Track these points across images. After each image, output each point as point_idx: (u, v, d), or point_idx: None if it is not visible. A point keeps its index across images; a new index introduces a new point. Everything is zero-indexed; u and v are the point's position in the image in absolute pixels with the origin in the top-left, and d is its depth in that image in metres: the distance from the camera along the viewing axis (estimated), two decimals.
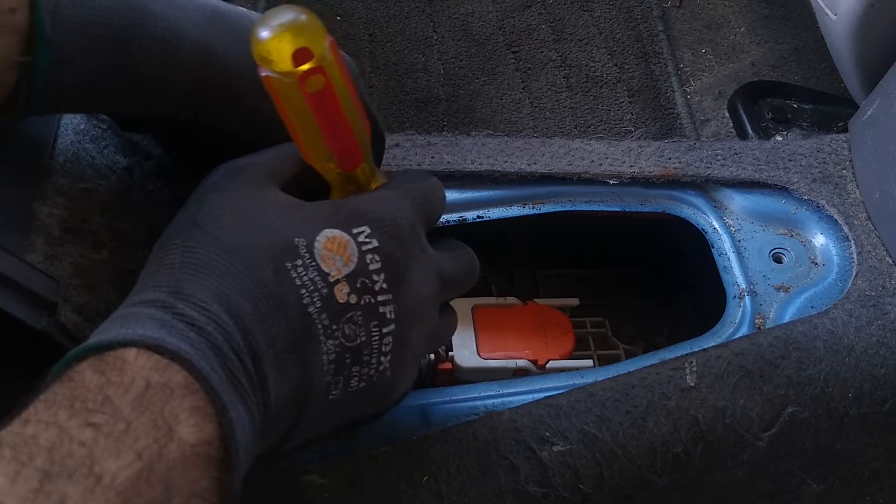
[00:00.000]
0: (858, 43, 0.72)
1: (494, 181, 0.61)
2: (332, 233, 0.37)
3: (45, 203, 0.42)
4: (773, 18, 1.13)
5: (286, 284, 0.35)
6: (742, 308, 0.58)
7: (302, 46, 0.35)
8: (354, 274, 0.37)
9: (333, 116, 0.38)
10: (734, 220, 0.63)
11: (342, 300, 0.36)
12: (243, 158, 0.40)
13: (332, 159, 0.39)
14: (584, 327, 0.68)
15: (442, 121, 1.03)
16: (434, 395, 0.53)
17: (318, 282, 0.36)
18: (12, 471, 0.26)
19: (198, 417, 0.29)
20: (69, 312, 0.39)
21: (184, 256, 0.35)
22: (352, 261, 0.37)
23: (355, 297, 0.37)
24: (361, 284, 0.37)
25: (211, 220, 0.36)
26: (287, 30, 0.35)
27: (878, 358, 0.55)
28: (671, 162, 0.63)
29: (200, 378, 0.30)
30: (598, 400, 0.51)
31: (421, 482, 0.47)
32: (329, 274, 0.36)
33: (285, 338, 0.35)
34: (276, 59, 0.35)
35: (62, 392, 0.28)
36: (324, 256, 0.36)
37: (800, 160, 0.65)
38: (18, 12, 0.36)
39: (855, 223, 0.61)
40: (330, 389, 0.37)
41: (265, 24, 0.35)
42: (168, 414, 0.29)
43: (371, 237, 0.38)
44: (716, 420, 0.52)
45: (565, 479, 0.49)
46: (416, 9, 1.14)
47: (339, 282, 0.36)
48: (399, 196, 0.41)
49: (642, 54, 1.11)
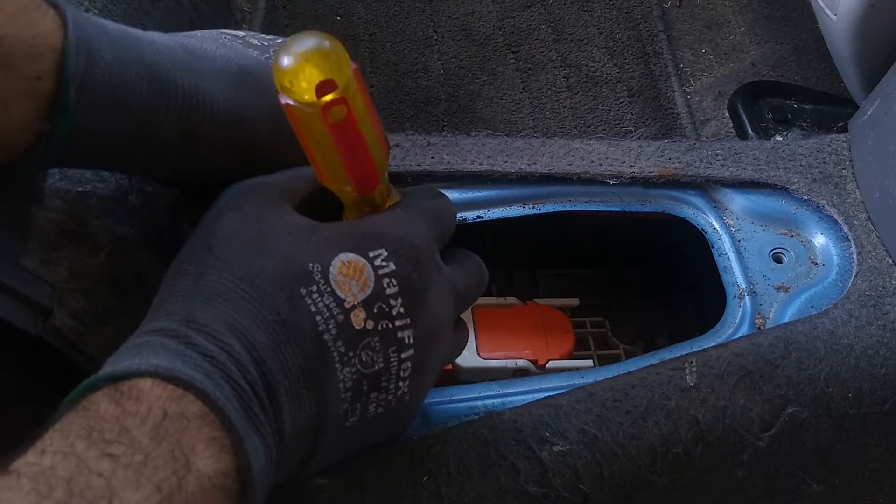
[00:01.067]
0: (858, 43, 0.72)
1: (494, 181, 0.61)
2: (348, 257, 0.36)
3: (42, 207, 0.42)
4: (773, 18, 1.13)
5: (300, 312, 0.34)
6: (742, 308, 0.58)
7: (326, 78, 0.34)
8: (371, 299, 0.36)
9: (354, 145, 0.37)
10: (734, 220, 0.63)
11: (359, 326, 0.36)
12: (257, 178, 0.40)
13: (349, 184, 0.38)
14: (584, 327, 0.68)
15: (442, 121, 1.03)
16: (434, 395, 0.53)
17: (333, 308, 0.35)
18: (32, 502, 0.25)
19: (214, 449, 0.29)
20: (64, 317, 0.39)
21: (196, 284, 0.35)
22: (368, 286, 0.36)
23: (372, 322, 0.36)
24: (378, 310, 0.36)
25: (223, 245, 0.36)
26: (310, 59, 0.34)
27: (878, 358, 0.55)
28: (671, 162, 0.63)
29: (216, 408, 0.30)
30: (598, 400, 0.51)
31: (421, 482, 0.47)
32: (345, 300, 0.35)
33: (300, 367, 0.34)
34: (298, 89, 0.34)
35: (78, 422, 0.28)
36: (339, 282, 0.35)
37: (800, 160, 0.65)
38: (45, 80, 0.35)
39: (855, 223, 0.61)
40: (347, 417, 0.37)
41: (288, 52, 0.34)
42: (185, 445, 0.28)
43: (388, 260, 0.37)
44: (716, 420, 0.52)
45: (565, 479, 0.49)
46: (416, 9, 1.14)
47: (356, 308, 0.36)
48: (414, 216, 0.40)
49: (642, 54, 1.11)
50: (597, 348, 0.67)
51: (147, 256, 0.45)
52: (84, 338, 0.40)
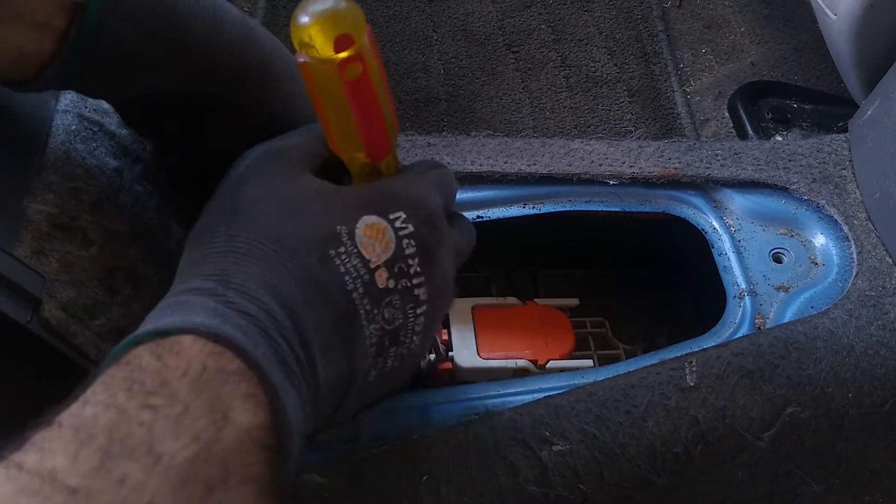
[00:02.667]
0: (858, 43, 0.72)
1: (494, 181, 0.61)
2: (371, 219, 0.38)
3: (35, 199, 0.42)
4: (773, 18, 1.13)
5: (331, 272, 0.36)
6: (742, 308, 0.58)
7: (343, 33, 0.35)
8: (392, 259, 0.38)
9: (369, 106, 0.38)
10: (734, 220, 0.63)
11: (382, 285, 0.37)
12: (276, 142, 0.41)
13: (361, 149, 0.39)
14: (584, 327, 0.68)
15: (442, 121, 1.03)
16: (434, 395, 0.53)
17: (360, 268, 0.37)
18: (73, 450, 0.26)
19: (251, 403, 0.30)
20: (54, 308, 0.39)
21: (228, 245, 0.35)
22: (390, 247, 0.38)
23: (393, 281, 0.38)
24: (399, 269, 0.38)
25: (252, 207, 0.37)
26: (329, 16, 0.35)
27: (878, 358, 0.55)
28: (671, 162, 0.63)
29: (254, 365, 0.31)
30: (598, 400, 0.51)
31: (421, 482, 0.47)
32: (370, 260, 0.37)
33: (331, 324, 0.36)
34: (318, 44, 0.35)
35: (120, 375, 0.29)
36: (364, 243, 0.37)
37: (800, 160, 0.65)
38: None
39: (855, 223, 0.61)
40: (370, 371, 0.38)
41: (305, 10, 0.35)
42: (224, 399, 0.29)
43: (406, 222, 0.39)
44: (716, 420, 0.52)
45: (565, 479, 0.49)
46: (416, 9, 1.14)
47: (380, 268, 0.37)
48: (426, 181, 0.42)
49: (642, 54, 1.11)
50: (597, 348, 0.67)
51: (138, 252, 0.45)
52: (73, 330, 0.40)
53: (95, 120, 0.49)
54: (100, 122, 0.49)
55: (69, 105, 0.48)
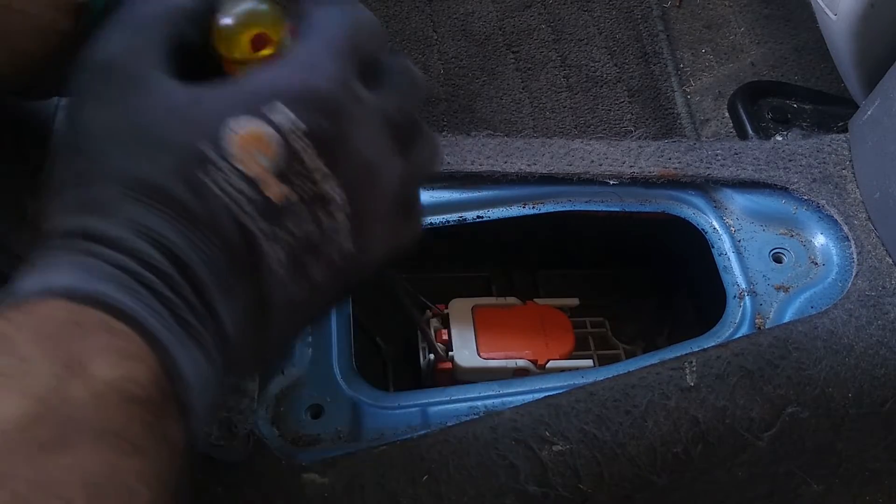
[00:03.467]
0: (858, 43, 0.72)
1: (494, 181, 0.61)
2: (243, 124, 0.31)
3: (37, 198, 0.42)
4: (773, 18, 1.13)
5: (208, 201, 0.30)
6: (742, 308, 0.58)
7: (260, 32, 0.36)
8: (282, 165, 0.31)
9: None
10: (734, 220, 0.63)
11: (276, 198, 0.31)
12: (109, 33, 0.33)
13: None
14: (584, 327, 0.68)
15: (442, 121, 1.03)
16: (434, 395, 0.53)
17: (242, 187, 0.31)
18: None
19: (113, 355, 0.26)
20: None
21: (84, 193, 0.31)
22: (276, 152, 0.31)
23: (289, 189, 0.32)
24: (294, 174, 0.32)
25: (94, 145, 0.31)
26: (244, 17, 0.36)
27: (877, 358, 0.55)
28: (671, 162, 0.63)
29: (123, 316, 0.27)
30: (598, 400, 0.51)
31: (421, 482, 0.47)
32: (252, 175, 0.31)
33: (224, 259, 0.31)
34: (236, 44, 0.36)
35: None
36: (240, 156, 0.31)
37: (800, 160, 0.65)
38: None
39: (855, 223, 0.61)
40: (290, 290, 0.33)
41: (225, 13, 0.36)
42: (77, 352, 0.26)
43: (293, 115, 0.32)
44: (716, 420, 0.52)
45: (565, 479, 0.49)
46: (416, 9, 1.14)
47: (267, 180, 0.31)
48: (314, 51, 0.34)
49: (642, 54, 1.11)
50: (597, 348, 0.67)
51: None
52: None
53: None
54: None
55: None
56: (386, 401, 0.53)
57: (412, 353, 0.62)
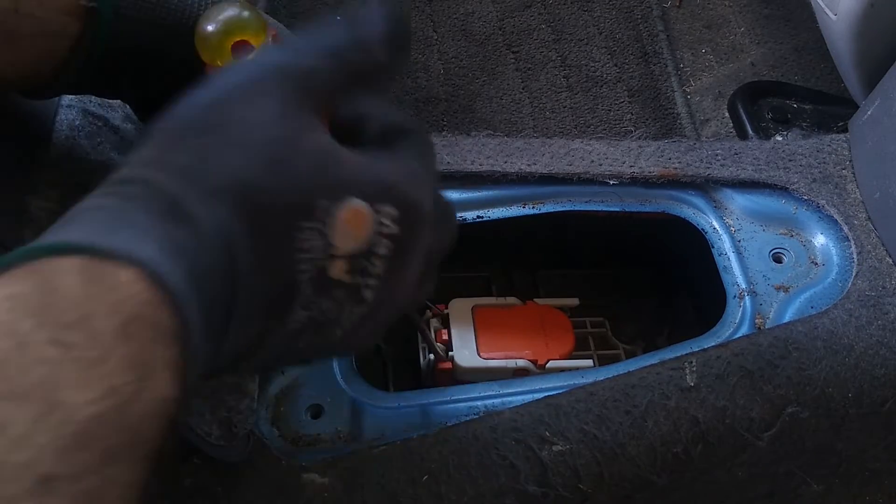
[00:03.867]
0: (858, 43, 0.72)
1: (494, 181, 0.61)
2: (357, 205, 0.32)
3: (38, 196, 0.42)
4: (773, 18, 1.13)
5: (289, 245, 0.31)
6: (742, 308, 0.58)
7: (240, 39, 0.37)
8: (359, 254, 0.32)
9: None
10: (734, 220, 0.63)
11: (334, 276, 0.32)
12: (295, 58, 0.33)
13: None
14: (584, 327, 0.68)
15: (442, 121, 1.03)
16: (434, 395, 0.53)
17: (319, 251, 0.31)
18: None
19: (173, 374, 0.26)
20: None
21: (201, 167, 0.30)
22: (363, 241, 0.32)
23: (348, 276, 0.33)
24: (359, 265, 0.33)
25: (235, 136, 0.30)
26: (226, 24, 0.37)
27: (877, 358, 0.55)
28: (671, 162, 0.63)
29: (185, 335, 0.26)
30: (598, 400, 0.51)
31: (421, 482, 0.47)
32: (335, 247, 0.32)
33: (262, 300, 0.31)
34: (218, 51, 0.37)
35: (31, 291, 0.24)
36: (339, 228, 0.32)
37: (800, 160, 0.65)
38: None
39: (855, 223, 0.61)
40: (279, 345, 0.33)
41: (207, 20, 0.37)
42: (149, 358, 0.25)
43: (394, 222, 0.33)
44: (716, 420, 0.52)
45: (565, 479, 0.49)
46: (416, 9, 1.14)
47: (341, 258, 0.32)
48: (427, 175, 0.36)
49: (642, 54, 1.11)
50: (597, 348, 0.67)
51: None
52: None
53: (99, 115, 0.49)
54: (104, 117, 0.49)
55: (73, 100, 0.48)
56: (386, 401, 0.53)
57: (412, 353, 0.62)
